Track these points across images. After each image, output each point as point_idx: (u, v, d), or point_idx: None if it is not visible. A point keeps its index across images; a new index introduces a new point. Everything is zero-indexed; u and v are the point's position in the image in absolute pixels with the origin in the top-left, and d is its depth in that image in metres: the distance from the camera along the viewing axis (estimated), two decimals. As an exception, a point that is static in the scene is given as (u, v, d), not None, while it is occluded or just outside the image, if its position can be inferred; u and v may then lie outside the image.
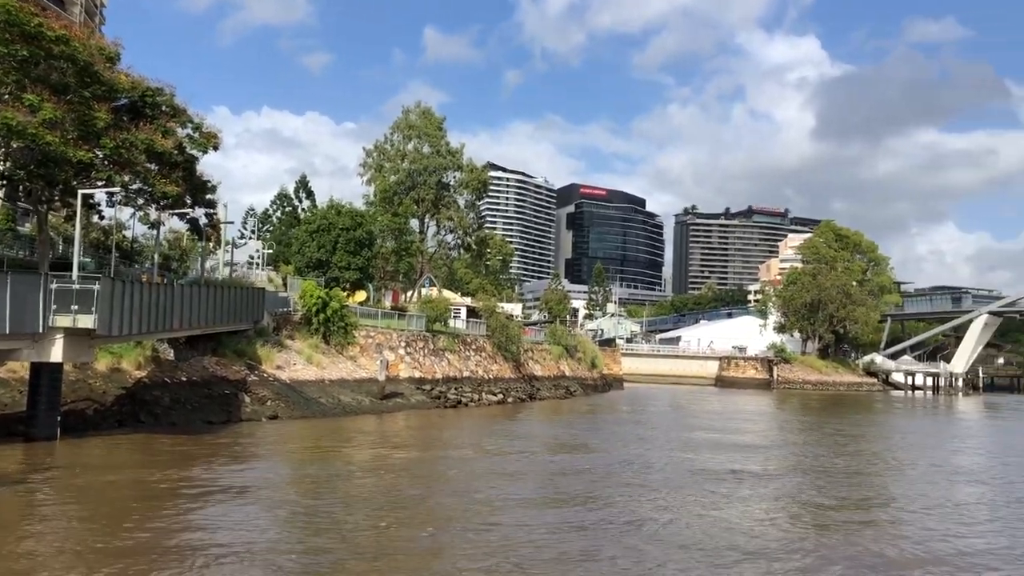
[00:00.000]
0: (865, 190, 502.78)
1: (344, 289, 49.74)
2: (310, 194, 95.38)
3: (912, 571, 14.45)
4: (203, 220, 39.67)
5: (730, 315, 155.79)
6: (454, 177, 69.05)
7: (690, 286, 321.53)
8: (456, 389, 48.94)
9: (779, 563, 14.53)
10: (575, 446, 31.93)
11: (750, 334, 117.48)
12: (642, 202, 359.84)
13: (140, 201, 34.28)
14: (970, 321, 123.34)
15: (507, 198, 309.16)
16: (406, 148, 67.87)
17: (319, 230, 53.66)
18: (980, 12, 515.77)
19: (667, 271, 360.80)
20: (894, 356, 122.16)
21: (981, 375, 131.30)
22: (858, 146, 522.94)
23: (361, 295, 55.42)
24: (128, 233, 47.34)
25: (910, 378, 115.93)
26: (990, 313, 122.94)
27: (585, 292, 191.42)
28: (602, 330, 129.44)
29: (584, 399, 64.14)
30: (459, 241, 71.97)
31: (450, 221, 68.87)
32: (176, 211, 36.71)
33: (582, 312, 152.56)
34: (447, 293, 69.36)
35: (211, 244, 49.49)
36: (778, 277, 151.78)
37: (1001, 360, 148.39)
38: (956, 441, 44.19)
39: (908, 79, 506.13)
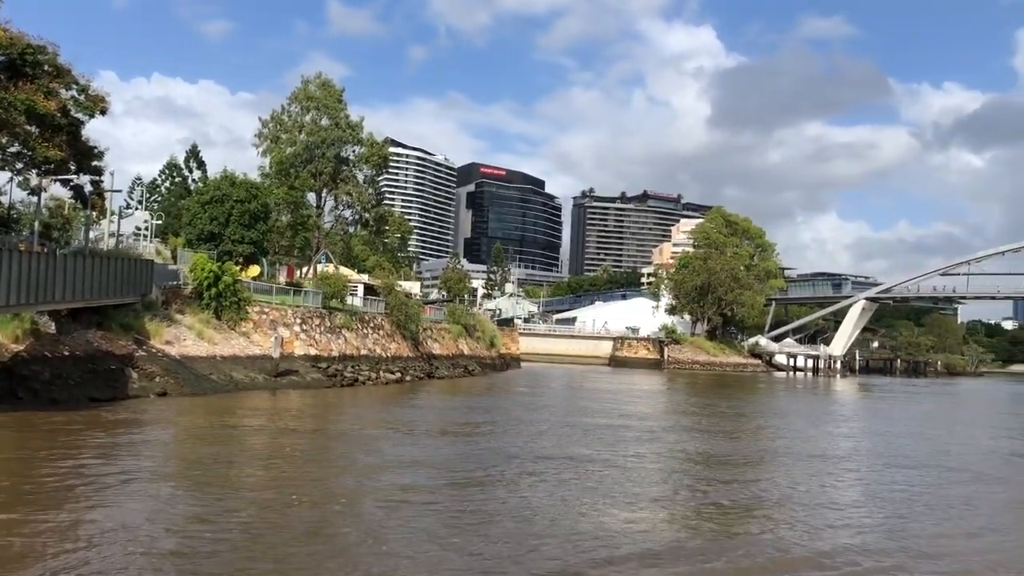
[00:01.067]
0: (756, 178, 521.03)
1: (237, 263, 48.26)
2: (201, 164, 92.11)
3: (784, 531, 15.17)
4: (88, 188, 37.76)
5: (624, 297, 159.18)
6: (353, 151, 67.84)
7: (586, 268, 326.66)
8: (353, 367, 48.37)
9: (654, 546, 14.97)
10: (472, 425, 32.07)
11: (643, 315, 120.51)
12: (541, 183, 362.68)
13: (19, 165, 32.36)
14: (848, 306, 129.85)
15: (407, 175, 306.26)
16: (304, 120, 66.18)
17: (212, 201, 51.80)
18: (866, 12, 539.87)
19: (565, 252, 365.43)
20: (777, 339, 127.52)
21: (858, 358, 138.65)
22: (751, 135, 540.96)
23: (255, 270, 53.93)
24: (4, 199, 44.71)
25: (792, 360, 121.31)
26: (867, 299, 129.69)
27: (484, 272, 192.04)
28: (500, 310, 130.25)
29: (483, 378, 64.47)
30: (357, 217, 70.89)
31: (348, 196, 67.69)
32: (59, 177, 34.83)
33: (480, 292, 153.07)
34: (344, 270, 68.21)
35: (96, 213, 47.23)
36: (671, 260, 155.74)
37: (876, 344, 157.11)
38: (834, 419, 46.59)
39: (798, 73, 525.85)
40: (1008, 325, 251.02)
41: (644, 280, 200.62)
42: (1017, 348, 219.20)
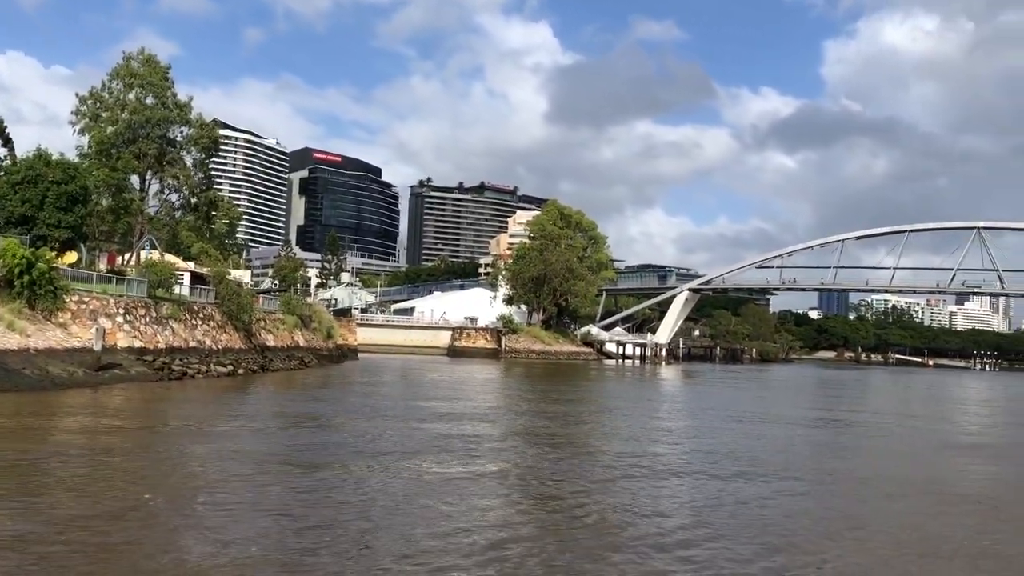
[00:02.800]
0: (589, 173, 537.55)
1: (53, 249, 44.73)
2: (8, 142, 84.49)
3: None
4: None
5: (462, 287, 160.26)
6: (181, 132, 64.52)
7: (424, 257, 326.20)
8: (181, 360, 46.04)
9: (484, 528, 15.27)
10: (307, 418, 31.33)
11: (481, 306, 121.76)
12: (378, 171, 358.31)
13: None
14: (673, 297, 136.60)
15: (235, 158, 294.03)
16: (127, 97, 62.21)
17: (24, 182, 47.63)
18: (695, 18, 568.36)
19: (402, 242, 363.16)
20: (608, 328, 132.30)
21: (681, 345, 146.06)
22: (585, 132, 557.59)
23: (72, 256, 50.18)
24: None
25: (621, 348, 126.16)
26: (690, 290, 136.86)
27: (318, 260, 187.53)
28: (336, 300, 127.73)
29: (319, 370, 63.07)
30: (185, 201, 67.52)
31: (175, 180, 64.32)
32: None
33: (315, 281, 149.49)
34: (170, 257, 64.67)
35: None
36: (507, 251, 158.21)
37: (697, 332, 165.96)
38: (658, 403, 49.03)
39: (631, 73, 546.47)
40: (814, 315, 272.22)
41: (482, 270, 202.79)
42: (822, 336, 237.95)
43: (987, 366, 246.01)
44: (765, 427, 36.25)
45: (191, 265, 69.98)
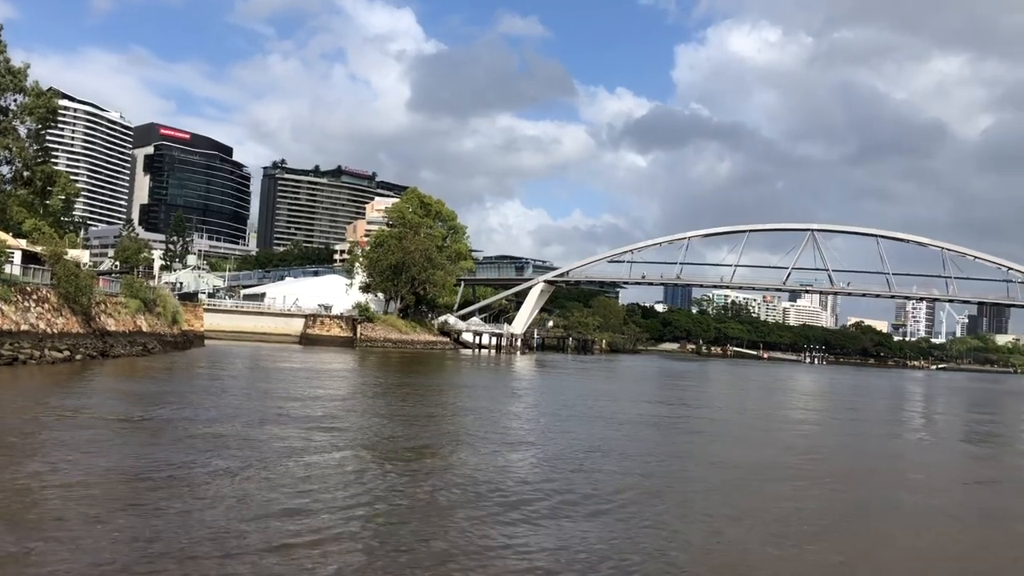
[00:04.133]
0: (451, 163, 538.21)
1: None
2: None
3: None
4: None
5: (316, 273, 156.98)
6: (15, 100, 60.01)
7: (276, 242, 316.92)
8: (12, 345, 42.94)
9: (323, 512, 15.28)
10: (149, 404, 29.99)
11: (336, 293, 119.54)
12: (229, 150, 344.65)
13: None
14: (529, 288, 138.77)
15: (74, 131, 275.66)
16: (-49, 60, 57.33)
17: None
18: (558, 16, 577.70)
19: (253, 225, 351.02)
20: (465, 317, 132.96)
21: (536, 336, 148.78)
22: (448, 121, 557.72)
23: None
24: None
25: (478, 338, 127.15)
26: (545, 281, 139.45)
27: (163, 241, 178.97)
28: (181, 283, 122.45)
29: (163, 357, 60.27)
30: (17, 174, 62.88)
31: (7, 151, 59.85)
32: None
33: (159, 263, 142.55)
34: (-1, 234, 60.00)
35: None
36: (364, 238, 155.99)
37: (551, 323, 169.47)
38: (513, 390, 49.92)
39: (494, 66, 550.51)
40: (660, 308, 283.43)
41: (338, 257, 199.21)
42: (667, 328, 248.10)
43: (815, 359, 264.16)
44: (613, 408, 37.66)
45: (23, 243, 65.17)
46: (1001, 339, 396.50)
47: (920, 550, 15.79)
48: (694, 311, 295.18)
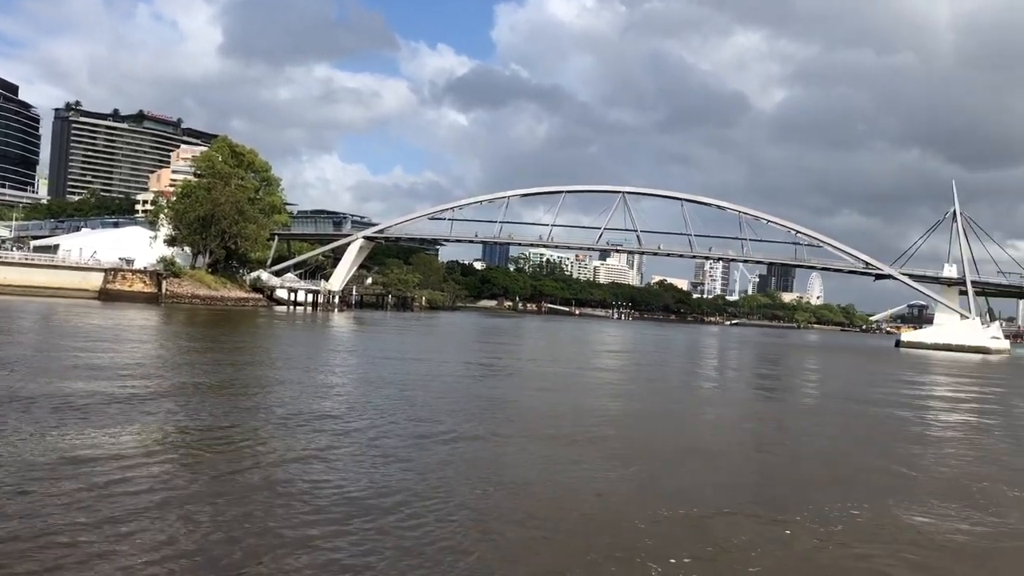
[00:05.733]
0: (265, 113, 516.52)
1: None
2: None
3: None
4: None
5: (117, 225, 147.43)
6: None
7: (70, 190, 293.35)
8: None
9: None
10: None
11: (139, 246, 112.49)
12: (15, 89, 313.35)
13: None
14: (347, 244, 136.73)
15: None
16: None
17: None
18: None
19: (43, 171, 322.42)
20: (279, 274, 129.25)
21: (354, 293, 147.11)
22: (262, 69, 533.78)
23: None
24: None
25: (293, 294, 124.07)
26: (364, 237, 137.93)
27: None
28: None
29: (-62, 313, 54.84)
30: None
31: None
32: None
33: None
34: None
35: None
36: (170, 188, 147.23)
37: (370, 280, 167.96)
38: (328, 349, 49.49)
39: (312, 14, 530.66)
40: (479, 266, 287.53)
41: (140, 208, 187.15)
42: (485, 286, 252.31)
43: (623, 315, 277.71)
44: (427, 366, 38.30)
45: None
46: (787, 296, 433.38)
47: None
48: (511, 269, 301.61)
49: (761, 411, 32.60)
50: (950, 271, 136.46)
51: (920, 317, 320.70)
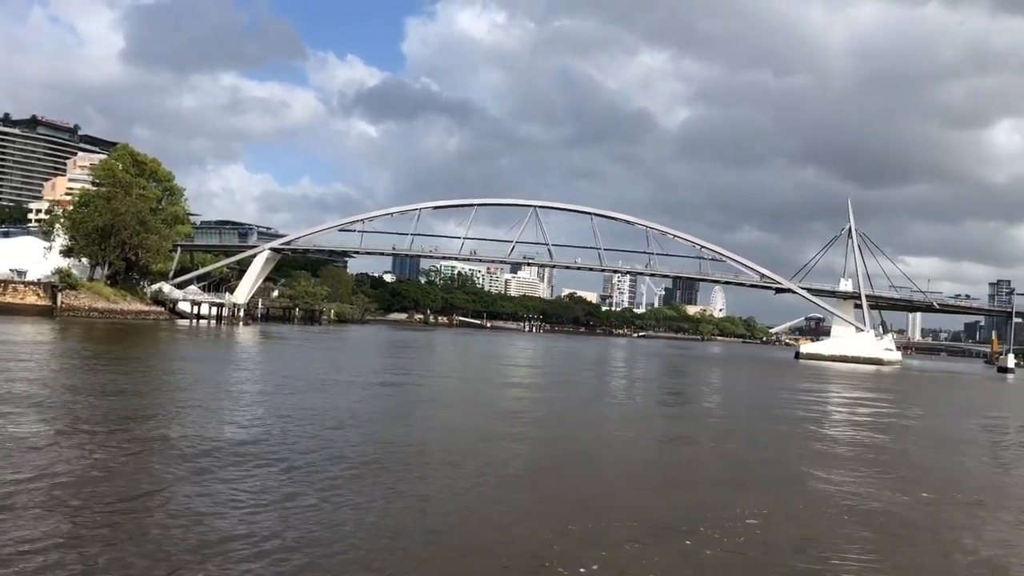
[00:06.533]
0: (169, 121, 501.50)
1: None
2: None
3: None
4: None
5: (8, 235, 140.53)
6: None
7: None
8: None
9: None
10: None
11: (32, 257, 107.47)
12: None
13: None
14: (254, 256, 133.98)
15: None
16: None
17: None
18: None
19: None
20: (182, 286, 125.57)
21: (260, 306, 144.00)
22: (167, 76, 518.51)
23: None
24: None
25: (196, 307, 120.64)
26: (271, 249, 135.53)
27: None
28: None
29: None
30: None
31: None
32: None
33: None
34: None
35: None
36: (66, 197, 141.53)
37: (276, 293, 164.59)
38: (235, 363, 48.46)
39: (219, 21, 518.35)
40: (389, 278, 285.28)
41: (33, 217, 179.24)
42: (395, 299, 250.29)
43: (534, 328, 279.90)
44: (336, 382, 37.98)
45: None
46: (692, 309, 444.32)
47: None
48: (423, 281, 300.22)
49: (667, 426, 33.49)
50: (846, 285, 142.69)
51: (817, 329, 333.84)
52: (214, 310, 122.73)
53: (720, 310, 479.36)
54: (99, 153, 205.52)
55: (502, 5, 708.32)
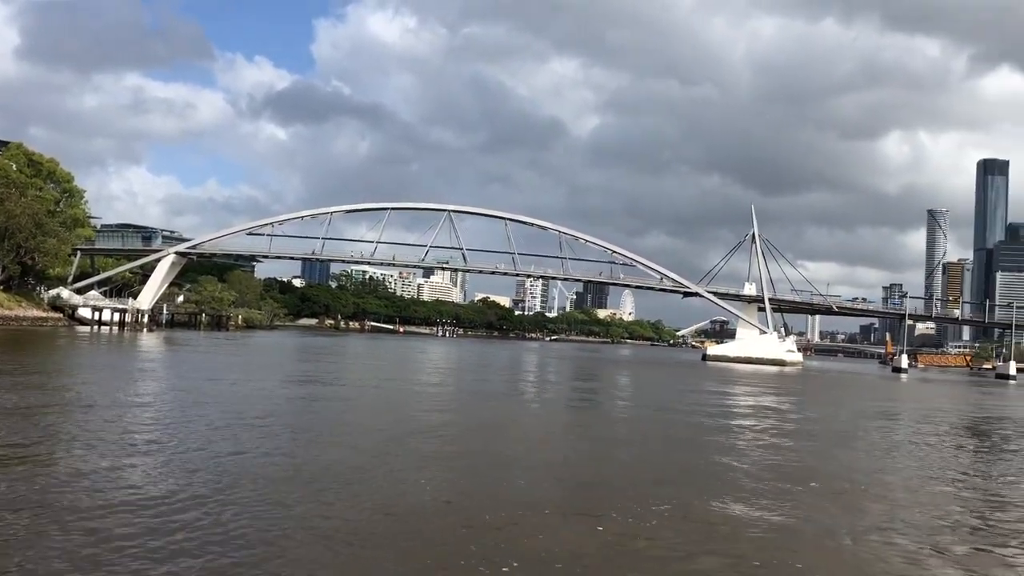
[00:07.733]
0: (69, 121, 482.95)
1: None
2: None
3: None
4: None
5: None
6: None
7: None
8: None
9: None
10: None
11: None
12: None
13: None
14: (158, 260, 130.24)
15: None
16: None
17: None
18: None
19: None
20: (82, 291, 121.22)
21: (165, 312, 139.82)
22: (67, 75, 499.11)
23: None
24: None
25: (97, 313, 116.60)
26: (177, 253, 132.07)
27: None
28: None
29: None
30: None
31: None
32: None
33: None
34: None
35: None
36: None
37: (181, 298, 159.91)
38: (137, 372, 47.23)
39: (122, 19, 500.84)
40: (298, 283, 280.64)
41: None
42: (305, 304, 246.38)
43: (447, 333, 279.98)
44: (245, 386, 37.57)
45: None
46: (602, 313, 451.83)
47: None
48: (333, 286, 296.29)
49: (578, 422, 34.34)
50: (750, 289, 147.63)
51: (722, 332, 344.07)
52: (116, 316, 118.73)
53: (630, 313, 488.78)
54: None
55: (414, 10, 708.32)
